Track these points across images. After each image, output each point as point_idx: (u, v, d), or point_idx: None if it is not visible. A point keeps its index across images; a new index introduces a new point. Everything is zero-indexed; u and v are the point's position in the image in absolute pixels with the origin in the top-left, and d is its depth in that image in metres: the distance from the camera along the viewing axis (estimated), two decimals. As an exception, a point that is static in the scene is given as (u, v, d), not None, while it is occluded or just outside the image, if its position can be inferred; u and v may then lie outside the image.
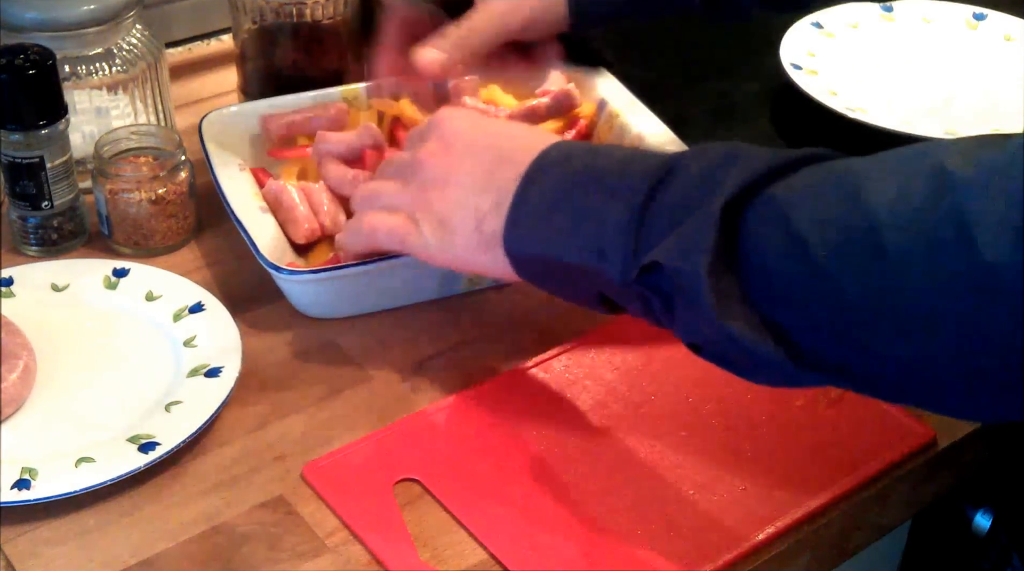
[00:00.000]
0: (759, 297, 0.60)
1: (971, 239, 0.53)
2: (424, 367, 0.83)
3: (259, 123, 0.96)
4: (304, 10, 1.00)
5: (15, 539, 0.70)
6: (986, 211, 0.53)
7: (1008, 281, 0.52)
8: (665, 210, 0.64)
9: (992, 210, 0.52)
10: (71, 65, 0.95)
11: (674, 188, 0.64)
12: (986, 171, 0.54)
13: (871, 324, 0.57)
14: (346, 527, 0.71)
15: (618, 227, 0.65)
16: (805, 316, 0.59)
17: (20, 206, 0.91)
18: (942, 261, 0.54)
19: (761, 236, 0.60)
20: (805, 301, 0.58)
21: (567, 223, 0.67)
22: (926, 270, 0.54)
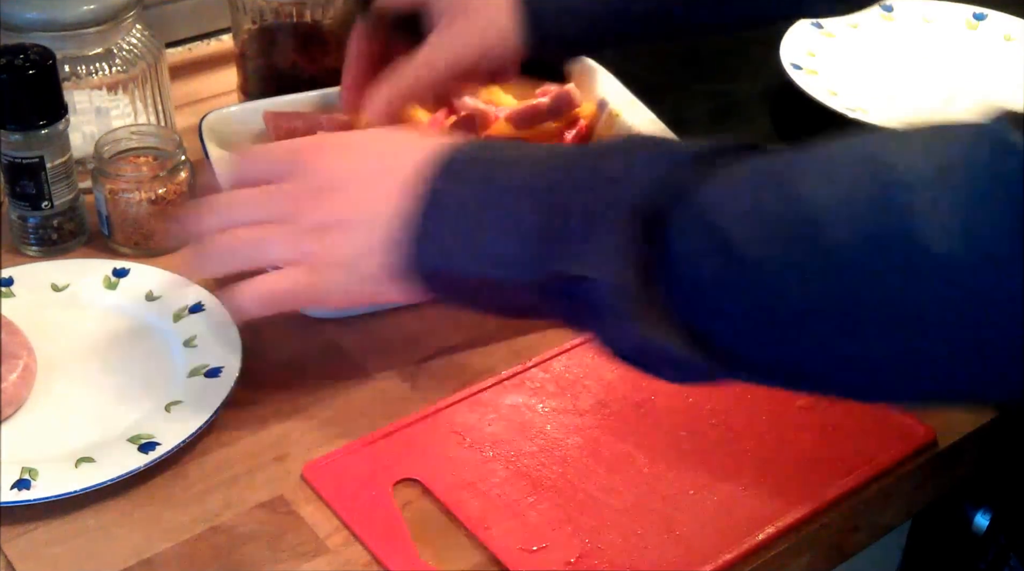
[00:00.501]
0: (686, 305, 0.57)
1: (916, 232, 0.51)
2: (424, 367, 0.83)
3: (264, 119, 0.96)
4: (304, 10, 1.00)
5: (15, 539, 0.70)
6: (931, 203, 0.51)
7: (955, 274, 0.51)
8: (576, 214, 0.60)
9: (938, 202, 0.51)
10: (71, 65, 0.95)
11: (585, 190, 0.61)
12: (932, 163, 0.52)
13: (814, 324, 0.55)
14: (346, 527, 0.71)
15: (529, 234, 0.61)
16: (739, 320, 0.56)
17: (20, 206, 0.91)
18: (887, 256, 0.52)
19: (686, 241, 0.57)
20: (738, 305, 0.56)
21: (476, 233, 0.63)
22: (870, 266, 0.52)
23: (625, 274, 0.57)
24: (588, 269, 0.58)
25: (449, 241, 0.64)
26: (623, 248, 0.57)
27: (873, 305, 0.53)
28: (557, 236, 0.60)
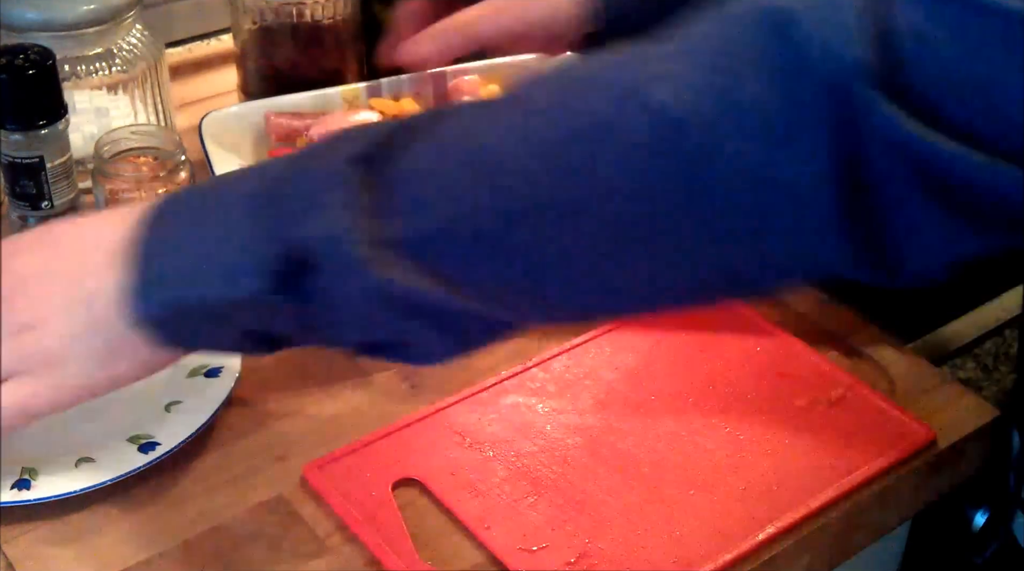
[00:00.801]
0: (419, 251, 0.54)
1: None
2: (424, 367, 0.83)
3: (265, 119, 0.96)
4: (304, 10, 1.00)
5: (15, 539, 0.70)
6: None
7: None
8: (289, 197, 0.56)
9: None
10: (71, 65, 0.95)
11: (296, 176, 0.57)
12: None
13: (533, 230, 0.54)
14: (346, 527, 0.71)
15: (246, 235, 0.56)
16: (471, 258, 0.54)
17: (20, 206, 0.91)
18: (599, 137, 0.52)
19: (403, 195, 0.54)
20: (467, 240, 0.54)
21: (191, 256, 0.58)
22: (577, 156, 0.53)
23: (354, 223, 0.54)
24: (308, 231, 0.55)
25: (169, 272, 0.58)
26: (344, 201, 0.54)
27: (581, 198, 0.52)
28: (274, 219, 0.56)
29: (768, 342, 0.85)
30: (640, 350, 0.84)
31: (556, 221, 0.53)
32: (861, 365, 0.84)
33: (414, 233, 0.54)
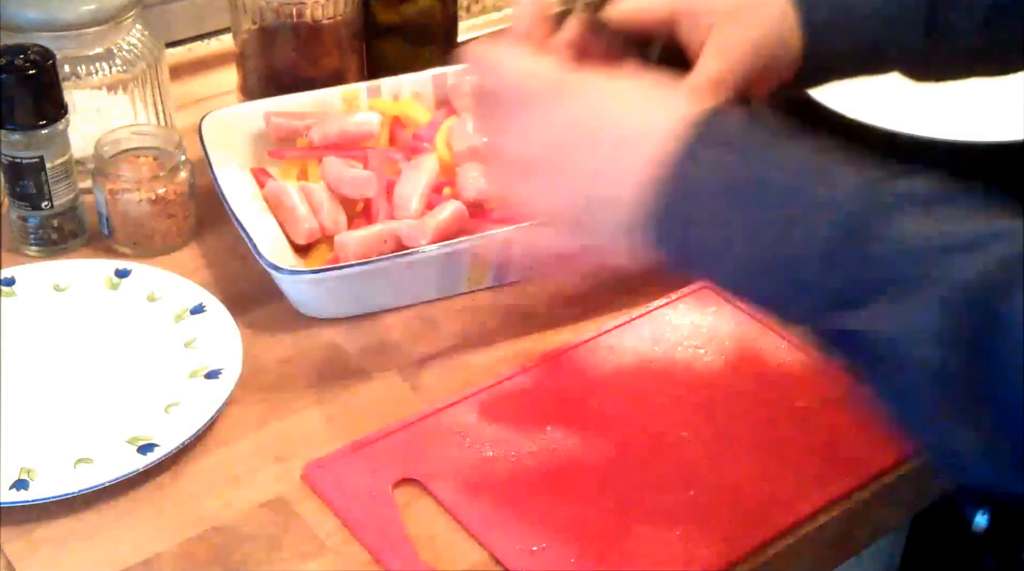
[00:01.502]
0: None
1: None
2: (424, 367, 0.83)
3: (265, 119, 0.96)
4: (304, 10, 1.00)
5: (15, 539, 0.70)
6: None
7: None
8: (878, 253, 0.53)
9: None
10: (71, 65, 0.95)
11: (896, 228, 0.54)
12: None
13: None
14: (346, 527, 0.71)
15: (810, 259, 0.55)
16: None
17: (20, 206, 0.91)
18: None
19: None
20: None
21: (739, 241, 0.57)
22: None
23: (945, 362, 0.52)
24: (896, 332, 0.53)
25: (697, 239, 0.59)
26: (948, 334, 0.52)
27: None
28: (849, 268, 0.54)
29: (768, 342, 0.85)
30: (640, 350, 0.84)
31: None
32: (861, 365, 0.84)
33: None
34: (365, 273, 0.84)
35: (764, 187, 0.57)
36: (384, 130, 0.99)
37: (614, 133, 0.61)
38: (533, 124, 0.64)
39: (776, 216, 0.57)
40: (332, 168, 0.92)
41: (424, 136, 0.98)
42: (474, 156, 0.94)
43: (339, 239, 0.86)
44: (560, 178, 0.63)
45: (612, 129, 0.62)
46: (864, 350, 0.54)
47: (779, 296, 0.58)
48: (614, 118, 0.62)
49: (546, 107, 0.64)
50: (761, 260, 0.57)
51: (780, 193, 0.57)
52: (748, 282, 0.59)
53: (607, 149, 0.61)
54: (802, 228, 0.56)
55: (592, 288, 0.90)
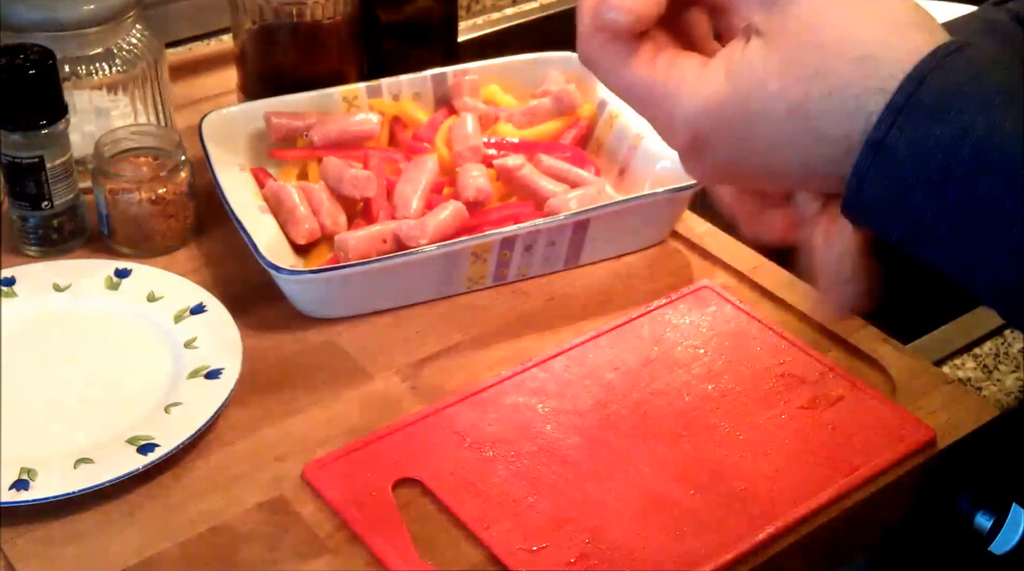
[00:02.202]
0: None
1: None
2: (424, 367, 0.83)
3: (265, 119, 0.96)
4: (304, 10, 1.00)
5: (15, 539, 0.70)
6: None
7: None
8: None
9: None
10: (71, 65, 0.95)
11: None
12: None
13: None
14: (346, 527, 0.71)
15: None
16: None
17: (20, 206, 0.91)
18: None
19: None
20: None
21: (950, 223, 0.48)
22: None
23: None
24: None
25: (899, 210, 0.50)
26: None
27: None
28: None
29: (768, 342, 0.85)
30: (640, 350, 0.84)
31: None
32: (861, 365, 0.84)
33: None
34: (365, 273, 0.84)
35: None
36: (384, 130, 0.99)
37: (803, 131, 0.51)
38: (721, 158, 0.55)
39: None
40: (332, 168, 0.92)
41: (424, 136, 0.98)
42: (474, 156, 0.94)
43: (339, 239, 0.86)
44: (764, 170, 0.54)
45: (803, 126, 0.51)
46: None
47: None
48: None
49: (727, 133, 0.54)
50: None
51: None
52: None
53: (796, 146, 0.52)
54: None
55: (595, 291, 0.90)
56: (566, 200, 0.90)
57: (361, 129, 0.96)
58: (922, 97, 0.48)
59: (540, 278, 0.91)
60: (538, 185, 0.93)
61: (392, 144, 1.00)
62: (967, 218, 0.48)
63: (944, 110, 0.48)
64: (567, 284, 0.91)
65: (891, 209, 0.50)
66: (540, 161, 0.95)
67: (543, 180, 0.93)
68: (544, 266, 0.91)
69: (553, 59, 1.05)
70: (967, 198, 0.48)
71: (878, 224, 0.52)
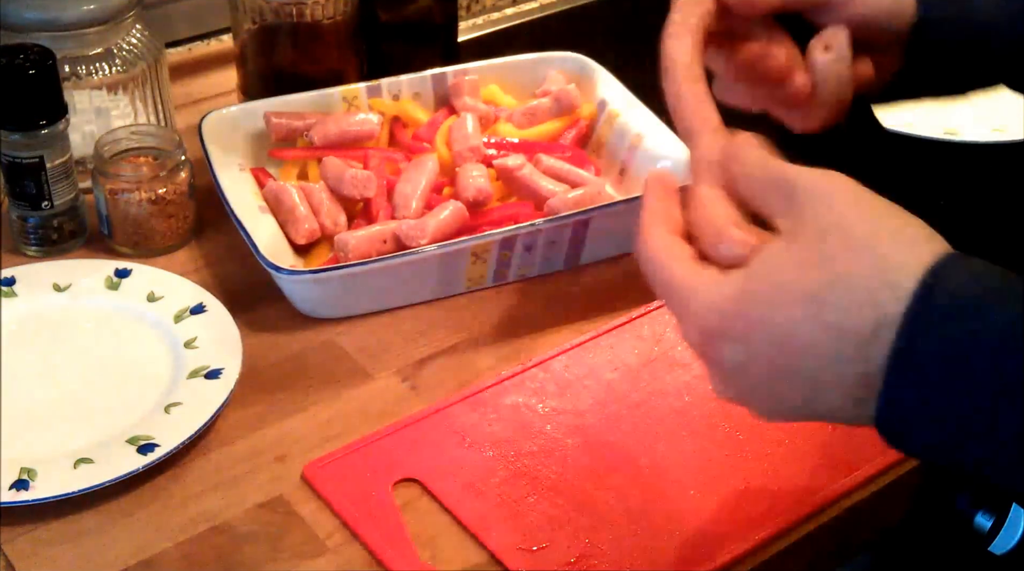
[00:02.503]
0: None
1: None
2: (424, 367, 0.83)
3: (265, 119, 0.96)
4: (304, 10, 1.00)
5: (15, 539, 0.70)
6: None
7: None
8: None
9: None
10: (71, 65, 0.95)
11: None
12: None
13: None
14: (346, 527, 0.71)
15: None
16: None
17: (20, 206, 0.91)
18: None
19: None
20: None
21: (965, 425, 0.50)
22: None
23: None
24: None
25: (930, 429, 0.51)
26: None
27: None
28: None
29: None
30: (640, 350, 0.84)
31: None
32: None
33: None
34: (365, 273, 0.84)
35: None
36: (384, 130, 0.99)
37: (819, 344, 0.52)
38: (732, 367, 0.55)
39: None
40: (332, 168, 0.92)
41: (424, 136, 0.98)
42: (474, 156, 0.94)
43: (339, 239, 0.86)
44: (777, 394, 0.55)
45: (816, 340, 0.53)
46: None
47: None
48: (813, 332, 0.53)
49: (734, 342, 0.55)
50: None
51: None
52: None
53: (815, 358, 0.53)
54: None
55: (591, 289, 0.90)
56: (566, 200, 0.90)
57: (361, 129, 0.96)
58: (937, 302, 0.50)
59: (540, 278, 0.91)
60: (538, 185, 0.93)
61: (392, 144, 1.00)
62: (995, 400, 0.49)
63: (961, 311, 0.50)
64: (567, 284, 0.91)
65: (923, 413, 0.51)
66: (540, 161, 0.95)
67: (543, 180, 0.93)
68: (544, 266, 0.91)
69: (553, 59, 1.05)
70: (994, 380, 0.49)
71: (913, 430, 0.52)
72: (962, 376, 0.50)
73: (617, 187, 0.98)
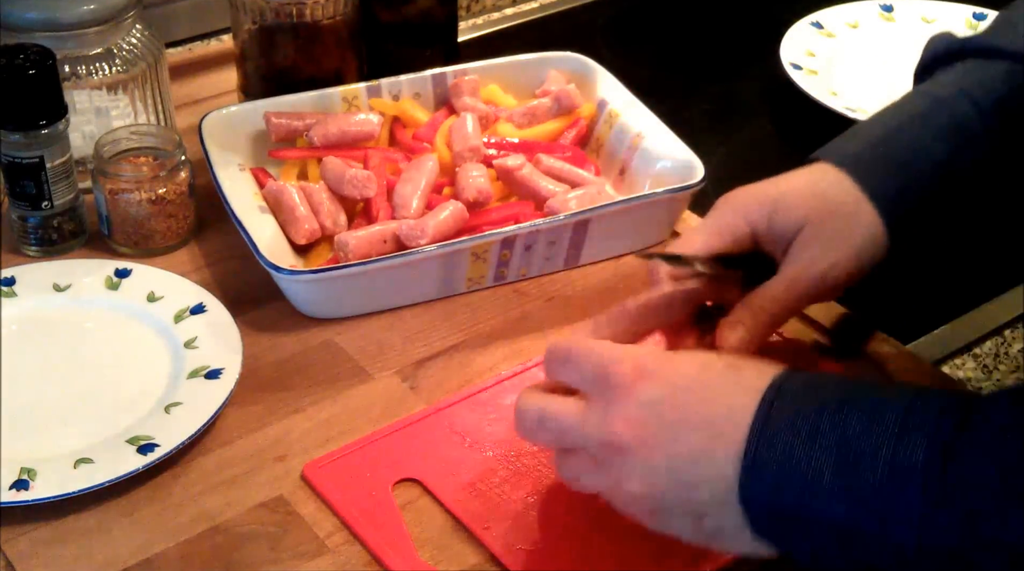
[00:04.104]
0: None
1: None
2: (424, 367, 0.83)
3: (265, 119, 0.96)
4: (304, 10, 1.00)
5: (15, 539, 0.70)
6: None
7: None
8: (979, 460, 0.53)
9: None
10: (71, 65, 0.95)
11: (987, 439, 0.54)
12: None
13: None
14: (346, 527, 0.71)
15: (910, 473, 0.54)
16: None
17: (20, 206, 0.91)
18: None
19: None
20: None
21: (829, 466, 0.56)
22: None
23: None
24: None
25: (788, 475, 0.57)
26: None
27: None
28: (952, 477, 0.54)
29: (771, 342, 0.85)
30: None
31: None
32: (861, 365, 0.84)
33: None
34: (365, 273, 0.84)
35: (846, 463, 0.56)
36: (384, 130, 0.99)
37: (695, 416, 0.61)
38: (615, 413, 0.62)
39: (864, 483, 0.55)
40: (332, 168, 0.92)
41: (424, 136, 0.98)
42: (474, 156, 0.94)
43: (339, 239, 0.86)
44: (642, 462, 0.61)
45: (693, 412, 0.61)
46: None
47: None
48: (693, 402, 0.61)
49: (624, 395, 0.62)
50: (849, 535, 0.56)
51: (864, 466, 0.56)
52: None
53: (688, 432, 0.61)
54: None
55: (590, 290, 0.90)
56: (566, 200, 0.90)
57: (361, 129, 0.96)
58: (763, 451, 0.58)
59: (540, 278, 0.91)
60: (538, 185, 0.93)
61: (392, 144, 1.00)
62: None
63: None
64: (567, 284, 0.91)
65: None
66: (540, 161, 0.95)
67: (543, 180, 0.93)
68: (544, 266, 0.91)
69: (553, 59, 1.05)
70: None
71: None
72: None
73: (617, 187, 0.98)
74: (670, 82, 1.21)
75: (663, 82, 1.19)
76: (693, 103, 1.18)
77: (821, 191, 0.75)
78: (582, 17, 1.34)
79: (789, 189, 0.75)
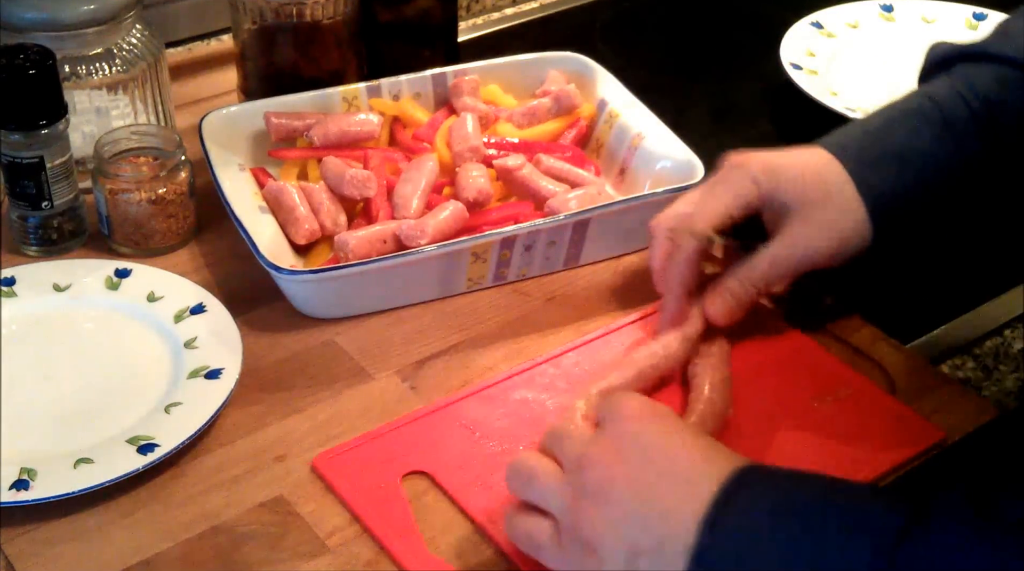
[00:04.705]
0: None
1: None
2: (424, 367, 0.83)
3: (265, 119, 0.96)
4: (304, 10, 1.00)
5: (15, 539, 0.70)
6: None
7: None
8: (923, 560, 0.56)
9: None
10: (71, 65, 0.95)
11: (930, 538, 0.57)
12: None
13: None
14: (356, 519, 0.71)
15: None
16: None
17: (20, 206, 0.91)
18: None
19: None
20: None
21: (778, 561, 0.58)
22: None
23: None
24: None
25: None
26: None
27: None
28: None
29: (775, 341, 0.85)
30: (641, 350, 0.84)
31: None
32: (861, 365, 0.84)
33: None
34: (365, 273, 0.84)
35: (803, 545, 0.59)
36: (384, 130, 0.99)
37: (665, 474, 0.63)
38: (590, 461, 0.64)
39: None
40: (332, 168, 0.92)
41: (424, 136, 0.98)
42: (474, 156, 0.94)
43: (339, 239, 0.86)
44: (608, 511, 0.63)
45: (662, 470, 0.63)
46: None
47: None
48: (663, 463, 0.64)
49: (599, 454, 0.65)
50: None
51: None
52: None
53: (655, 488, 0.62)
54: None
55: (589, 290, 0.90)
56: (566, 200, 0.90)
57: (361, 129, 0.96)
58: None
59: (540, 278, 0.91)
60: (538, 185, 0.93)
61: (392, 144, 1.00)
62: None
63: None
64: (567, 284, 0.91)
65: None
66: (540, 161, 0.95)
67: (543, 180, 0.93)
68: (544, 266, 0.91)
69: (553, 59, 1.05)
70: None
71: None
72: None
73: (617, 187, 0.98)
74: (670, 82, 1.21)
75: (663, 82, 1.19)
76: (693, 103, 1.18)
77: (817, 173, 0.80)
78: (582, 17, 1.34)
79: (790, 164, 0.81)
